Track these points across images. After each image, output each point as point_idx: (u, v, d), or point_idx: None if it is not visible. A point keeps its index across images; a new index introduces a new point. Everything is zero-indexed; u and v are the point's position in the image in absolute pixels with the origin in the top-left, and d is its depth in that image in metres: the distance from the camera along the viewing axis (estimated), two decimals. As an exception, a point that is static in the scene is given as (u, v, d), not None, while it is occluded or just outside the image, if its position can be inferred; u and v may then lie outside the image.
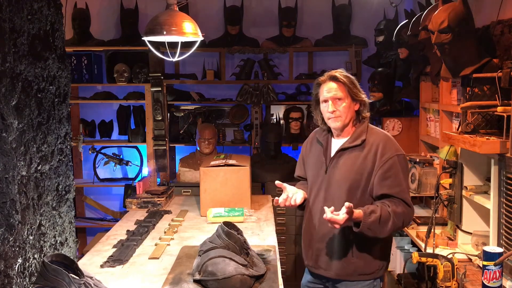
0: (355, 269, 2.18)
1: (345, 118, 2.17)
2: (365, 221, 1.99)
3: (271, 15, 4.58)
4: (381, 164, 2.10)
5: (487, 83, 2.27)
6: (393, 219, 2.03)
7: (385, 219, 2.02)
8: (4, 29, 1.65)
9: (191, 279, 2.02)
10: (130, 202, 3.32)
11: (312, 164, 2.32)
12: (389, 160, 2.10)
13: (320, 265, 2.25)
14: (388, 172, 2.09)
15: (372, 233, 2.04)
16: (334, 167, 2.20)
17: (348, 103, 2.16)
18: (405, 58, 3.58)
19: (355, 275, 2.19)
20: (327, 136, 2.29)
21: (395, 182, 2.09)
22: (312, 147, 2.36)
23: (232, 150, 4.44)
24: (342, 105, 2.16)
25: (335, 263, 2.20)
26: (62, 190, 2.15)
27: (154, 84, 4.28)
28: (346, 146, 2.18)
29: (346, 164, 2.16)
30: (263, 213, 3.15)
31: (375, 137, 2.17)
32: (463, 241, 2.58)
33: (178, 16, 2.74)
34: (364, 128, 2.19)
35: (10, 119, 1.69)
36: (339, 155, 2.19)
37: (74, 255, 2.30)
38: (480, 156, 2.35)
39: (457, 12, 2.38)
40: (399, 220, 2.05)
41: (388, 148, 2.13)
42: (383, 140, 2.15)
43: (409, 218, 2.13)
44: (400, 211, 2.05)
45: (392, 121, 3.68)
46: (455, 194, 2.57)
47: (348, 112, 2.17)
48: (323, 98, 2.19)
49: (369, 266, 2.19)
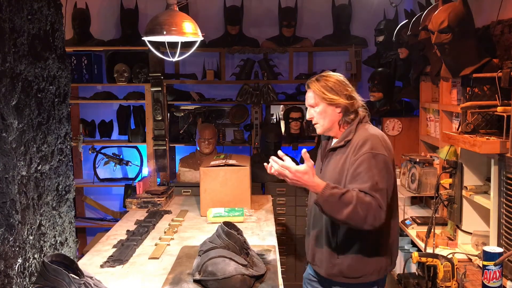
0: (340, 270, 2.12)
1: (323, 123, 2.15)
2: (324, 190, 1.90)
3: (271, 15, 4.58)
4: (353, 162, 2.02)
5: (487, 83, 2.27)
6: (356, 204, 1.88)
7: (347, 200, 1.89)
8: (4, 29, 1.65)
9: (191, 279, 2.02)
10: (130, 202, 3.32)
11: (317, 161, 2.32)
12: (361, 157, 2.00)
13: (316, 262, 2.24)
14: (358, 168, 1.99)
15: (328, 208, 1.91)
16: (325, 167, 2.20)
17: (323, 108, 2.13)
18: (405, 58, 3.58)
19: (340, 277, 2.13)
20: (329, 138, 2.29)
21: (365, 178, 1.96)
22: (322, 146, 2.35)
23: (232, 150, 4.44)
24: (317, 111, 2.15)
25: (324, 262, 2.18)
26: (62, 190, 2.15)
27: (154, 84, 4.28)
28: (333, 147, 2.16)
29: (332, 164, 2.15)
30: (263, 213, 3.15)
31: (357, 137, 2.08)
32: (463, 241, 2.58)
33: (178, 16, 2.74)
34: (352, 129, 2.12)
35: (10, 119, 1.69)
36: (329, 156, 2.19)
37: (74, 255, 2.30)
38: (480, 156, 2.35)
39: (457, 12, 2.38)
40: (362, 209, 1.89)
41: (365, 146, 2.03)
42: (363, 139, 2.06)
43: (375, 214, 1.91)
44: (367, 200, 1.90)
45: (392, 121, 3.69)
46: (455, 194, 2.57)
47: (325, 117, 2.14)
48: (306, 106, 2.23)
49: (354, 269, 2.11)
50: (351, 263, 2.10)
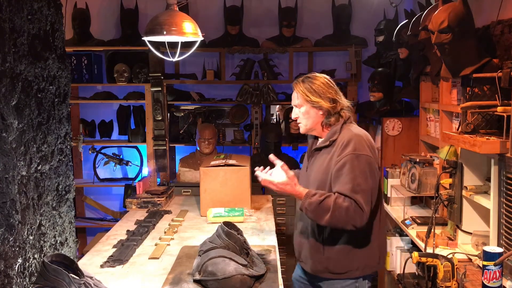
0: (327, 266, 2.17)
1: (305, 123, 2.22)
2: (305, 199, 2.04)
3: (271, 15, 4.58)
4: (336, 162, 2.07)
5: (487, 83, 2.26)
6: (334, 210, 1.97)
7: (325, 207, 1.99)
8: (4, 29, 1.65)
9: (191, 279, 2.02)
10: (130, 202, 3.32)
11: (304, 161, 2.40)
12: (344, 158, 2.05)
13: (302, 258, 2.30)
14: (340, 170, 2.05)
15: (312, 216, 2.05)
16: (311, 166, 2.27)
17: (306, 109, 2.19)
18: (405, 58, 3.58)
19: (326, 273, 2.18)
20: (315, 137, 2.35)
21: (346, 179, 2.01)
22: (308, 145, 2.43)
23: (232, 150, 4.44)
24: (301, 111, 2.22)
25: (309, 259, 2.23)
26: (62, 190, 2.15)
27: (154, 84, 4.28)
28: (318, 147, 2.23)
29: (317, 164, 2.21)
30: (263, 213, 3.15)
31: (342, 137, 2.13)
32: (463, 241, 2.58)
33: (178, 16, 2.74)
34: (337, 129, 2.16)
35: (10, 119, 1.69)
36: (314, 155, 2.26)
37: (74, 255, 2.30)
38: (480, 156, 2.35)
39: (457, 12, 2.38)
40: (341, 214, 1.97)
41: (347, 147, 2.07)
42: (347, 139, 2.10)
43: (355, 217, 1.98)
44: (344, 206, 1.97)
45: (392, 121, 3.69)
46: (455, 194, 2.57)
47: (308, 118, 2.21)
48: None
49: (340, 265, 2.16)
50: (336, 259, 2.16)
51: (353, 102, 4.13)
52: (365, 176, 2.03)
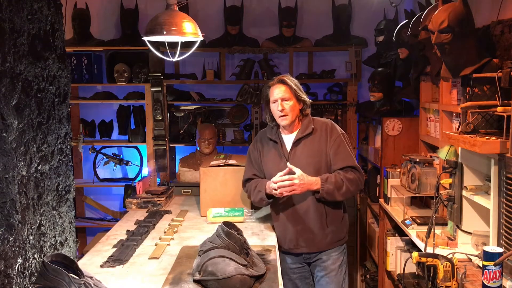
0: (332, 237, 2.65)
1: (291, 116, 2.60)
2: (323, 187, 2.49)
3: (271, 15, 4.58)
4: (332, 143, 2.61)
5: (487, 83, 2.26)
6: (346, 184, 2.53)
7: (339, 185, 2.52)
8: (4, 29, 1.65)
9: (191, 279, 2.02)
10: (130, 202, 3.32)
11: (270, 160, 2.70)
12: (337, 139, 2.61)
13: (301, 244, 2.65)
14: (338, 148, 2.60)
15: (330, 197, 2.52)
16: (294, 157, 2.61)
17: (294, 103, 2.60)
18: (405, 58, 3.58)
19: (332, 243, 2.66)
20: (277, 133, 2.70)
21: (346, 154, 2.60)
22: (265, 147, 2.74)
23: (232, 150, 4.44)
24: (289, 104, 2.59)
25: (315, 238, 2.63)
26: (62, 190, 2.15)
27: (154, 84, 4.28)
28: (300, 137, 2.63)
29: (305, 151, 2.61)
30: (263, 213, 3.15)
31: (321, 124, 2.67)
32: (463, 241, 2.58)
33: (178, 16, 2.74)
34: (309, 120, 2.67)
35: (10, 119, 1.69)
36: (295, 145, 2.63)
37: (74, 255, 2.30)
38: (480, 156, 2.35)
39: (457, 12, 2.38)
40: (352, 184, 2.55)
41: (333, 129, 2.65)
42: (329, 124, 2.67)
43: (361, 182, 2.62)
44: (351, 177, 2.56)
45: (392, 121, 3.68)
46: (455, 194, 2.57)
47: (293, 110, 2.60)
48: (274, 98, 2.60)
49: (341, 232, 2.70)
50: (337, 228, 2.67)
51: (353, 102, 4.15)
52: (351, 148, 2.68)
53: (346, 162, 2.59)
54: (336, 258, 2.70)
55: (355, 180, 2.58)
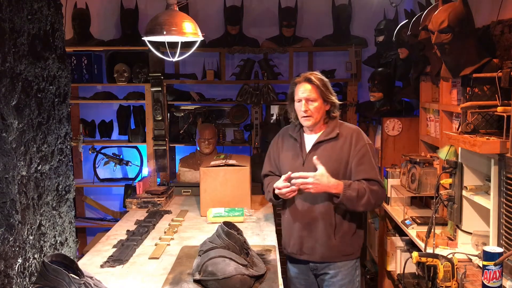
0: (339, 250, 2.44)
1: (316, 117, 2.42)
2: (345, 191, 2.29)
3: (271, 15, 4.58)
4: (356, 152, 2.41)
5: (487, 83, 2.26)
6: (368, 194, 2.34)
7: (362, 193, 2.32)
8: (4, 29, 1.65)
9: (191, 279, 2.02)
10: (130, 202, 3.32)
11: (287, 158, 2.53)
12: (362, 149, 2.41)
13: (304, 251, 2.49)
14: (362, 158, 2.40)
15: (350, 205, 2.33)
16: (311, 159, 2.38)
17: (319, 104, 2.41)
18: (405, 58, 3.57)
19: (339, 256, 2.46)
20: (299, 131, 2.53)
21: (370, 167, 2.40)
22: (285, 143, 2.58)
23: (232, 150, 4.44)
24: (314, 105, 2.40)
25: (319, 247, 2.45)
26: (62, 190, 2.15)
27: (154, 84, 4.28)
28: (322, 139, 2.45)
29: (324, 155, 2.41)
30: (263, 213, 3.15)
31: (347, 130, 2.47)
32: (463, 241, 2.58)
33: (178, 16, 2.74)
34: (335, 123, 2.48)
35: (10, 119, 1.69)
36: (315, 148, 2.45)
37: (74, 255, 2.30)
38: (480, 156, 2.35)
39: (457, 12, 2.38)
40: (373, 197, 2.36)
41: (360, 138, 2.44)
42: (355, 132, 2.46)
43: (382, 197, 2.44)
44: (375, 189, 2.37)
45: (392, 121, 3.68)
46: (455, 194, 2.57)
47: (319, 112, 2.42)
48: (298, 98, 2.43)
49: (349, 246, 2.47)
50: (347, 241, 2.46)
51: (353, 102, 4.15)
52: (377, 161, 2.48)
53: (368, 174, 2.39)
54: (346, 273, 2.49)
55: (378, 194, 2.39)
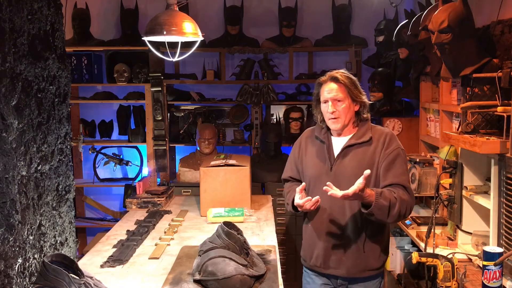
0: (366, 264, 2.21)
1: (344, 119, 2.20)
2: (377, 200, 2.01)
3: (271, 15, 4.58)
4: (386, 155, 2.18)
5: (487, 83, 2.27)
6: (399, 204, 2.07)
7: (393, 203, 2.06)
8: (4, 29, 1.65)
9: (191, 279, 2.02)
10: (130, 202, 3.32)
11: (312, 161, 2.31)
12: (393, 152, 2.18)
13: (330, 264, 2.24)
14: (392, 162, 2.16)
15: (380, 215, 2.05)
16: (341, 163, 2.21)
17: (347, 104, 2.19)
18: (405, 58, 3.58)
19: (366, 271, 2.22)
20: (326, 134, 2.30)
21: (400, 171, 2.16)
22: (309, 146, 2.36)
23: (232, 150, 4.44)
24: (341, 106, 2.19)
25: (347, 260, 2.21)
26: (62, 190, 2.15)
27: (154, 84, 4.28)
28: (353, 143, 2.21)
29: (355, 160, 2.19)
30: (263, 213, 3.14)
31: (380, 133, 2.24)
32: (463, 241, 2.58)
33: (178, 16, 2.74)
34: (368, 126, 2.25)
35: (10, 119, 1.69)
36: (345, 152, 2.22)
37: (74, 255, 2.30)
38: (480, 156, 2.35)
39: (457, 12, 2.38)
40: (404, 206, 2.09)
41: (392, 141, 2.22)
42: (388, 135, 2.24)
43: (411, 207, 2.16)
44: (405, 198, 2.10)
45: (392, 121, 3.68)
46: (455, 194, 2.57)
47: (347, 113, 2.20)
48: (324, 98, 2.21)
49: (378, 260, 2.24)
50: (376, 255, 2.23)
51: None
52: (407, 169, 2.26)
53: (397, 179, 2.14)
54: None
55: (408, 204, 2.13)
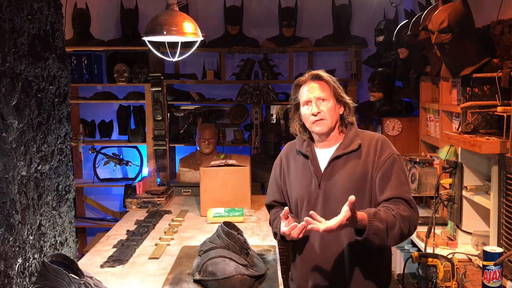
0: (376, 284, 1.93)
1: (330, 120, 1.90)
2: (371, 223, 1.67)
3: (271, 15, 4.58)
4: (380, 165, 1.86)
5: (487, 83, 2.27)
6: (400, 223, 1.74)
7: (391, 223, 1.73)
8: (4, 29, 1.65)
9: (191, 279, 2.02)
10: (130, 202, 3.32)
11: (297, 181, 1.97)
12: (388, 159, 1.86)
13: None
14: (388, 172, 1.85)
15: (379, 240, 1.71)
16: (329, 179, 1.89)
17: (333, 104, 1.92)
18: (405, 58, 3.58)
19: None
20: (309, 146, 1.98)
21: (397, 182, 1.84)
22: (291, 163, 2.02)
23: (232, 150, 4.44)
24: (327, 106, 1.90)
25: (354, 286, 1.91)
26: (62, 190, 2.15)
27: (154, 84, 4.28)
28: (340, 153, 1.90)
29: (345, 173, 1.89)
30: (263, 213, 3.15)
31: (370, 139, 1.93)
32: (463, 241, 2.58)
33: (178, 16, 2.74)
34: (355, 132, 1.96)
35: (10, 119, 1.69)
36: (332, 165, 1.90)
37: (74, 255, 2.30)
38: (480, 156, 2.36)
39: (457, 12, 2.38)
40: (406, 225, 1.76)
41: (385, 147, 1.90)
42: (380, 140, 1.92)
43: (415, 222, 1.83)
44: (406, 214, 1.77)
45: (392, 121, 3.68)
46: (455, 194, 2.57)
47: (333, 114, 1.92)
48: (305, 99, 1.92)
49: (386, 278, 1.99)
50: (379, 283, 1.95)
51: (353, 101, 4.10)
52: (407, 177, 1.93)
53: (396, 192, 1.82)
54: None
55: (411, 219, 1.79)
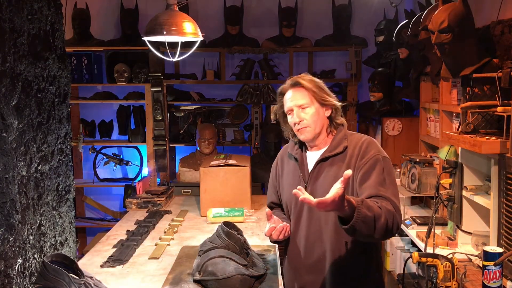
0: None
1: (314, 127, 1.90)
2: (359, 209, 1.55)
3: (271, 15, 4.58)
4: (362, 165, 1.82)
5: (487, 83, 2.27)
6: (385, 214, 1.64)
7: (378, 213, 1.62)
8: (4, 29, 1.65)
9: (191, 279, 2.02)
10: (130, 202, 3.32)
11: (288, 183, 2.00)
12: (370, 160, 1.82)
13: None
14: (368, 172, 1.80)
15: (366, 229, 1.59)
16: (315, 182, 1.90)
17: (315, 109, 1.89)
18: (405, 58, 3.58)
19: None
20: (300, 149, 2.00)
21: (377, 181, 1.77)
22: (285, 165, 2.06)
23: (232, 150, 4.44)
24: (309, 112, 1.89)
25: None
26: (62, 190, 2.15)
27: (154, 84, 4.29)
28: (326, 156, 1.90)
29: (329, 176, 1.86)
30: (263, 213, 3.14)
31: (356, 141, 1.90)
32: (463, 241, 2.58)
33: (178, 16, 2.74)
34: (343, 134, 1.93)
35: (10, 119, 1.69)
36: (318, 168, 1.91)
37: (74, 255, 2.30)
38: (480, 156, 2.35)
39: (457, 12, 2.38)
40: (390, 218, 1.66)
41: (369, 149, 1.85)
42: (365, 141, 1.89)
43: (398, 222, 1.72)
44: (390, 208, 1.68)
45: (392, 121, 3.68)
46: (455, 194, 2.57)
47: (317, 120, 1.90)
48: (287, 108, 1.92)
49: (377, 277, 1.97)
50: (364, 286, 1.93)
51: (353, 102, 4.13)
52: (393, 180, 1.83)
53: (374, 191, 1.74)
54: None
55: (395, 215, 1.69)
